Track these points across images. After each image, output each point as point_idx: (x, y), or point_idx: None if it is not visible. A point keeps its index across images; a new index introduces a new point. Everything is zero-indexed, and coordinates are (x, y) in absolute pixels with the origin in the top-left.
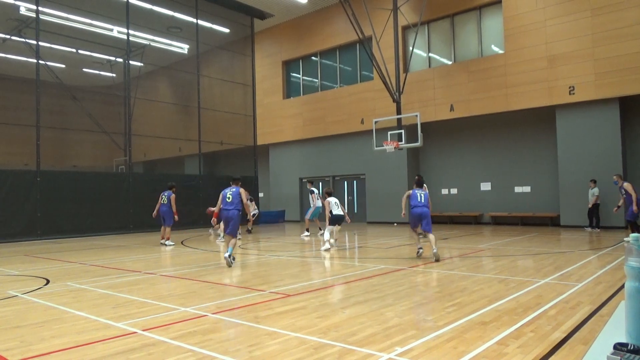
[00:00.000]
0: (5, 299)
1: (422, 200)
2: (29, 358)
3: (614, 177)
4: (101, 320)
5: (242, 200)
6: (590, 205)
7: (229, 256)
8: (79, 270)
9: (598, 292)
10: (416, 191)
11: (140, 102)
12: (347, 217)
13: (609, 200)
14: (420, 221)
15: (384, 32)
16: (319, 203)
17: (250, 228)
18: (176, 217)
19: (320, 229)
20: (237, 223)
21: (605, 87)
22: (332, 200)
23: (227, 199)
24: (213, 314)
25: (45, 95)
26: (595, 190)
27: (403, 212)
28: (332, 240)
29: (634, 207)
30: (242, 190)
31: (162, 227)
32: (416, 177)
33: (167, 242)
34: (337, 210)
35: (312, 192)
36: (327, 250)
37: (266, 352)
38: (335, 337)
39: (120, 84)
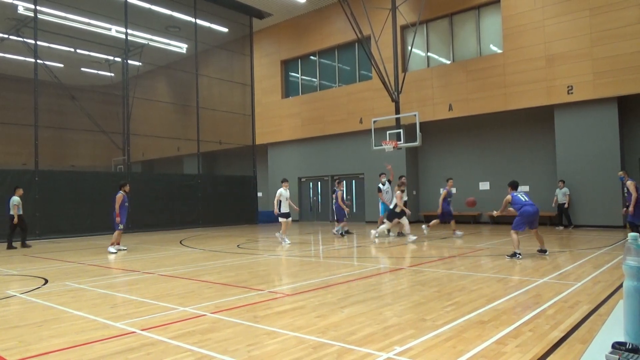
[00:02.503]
0: (3, 299)
1: (529, 199)
2: (28, 358)
3: (620, 172)
4: (100, 320)
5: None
6: (567, 205)
7: (337, 231)
8: (77, 270)
9: (596, 291)
10: (516, 194)
11: (139, 102)
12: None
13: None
14: (534, 221)
15: (382, 31)
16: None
17: (336, 230)
18: (117, 219)
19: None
20: (342, 214)
21: (604, 87)
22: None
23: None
24: (212, 313)
25: (44, 94)
26: (566, 190)
27: (499, 212)
28: (374, 233)
29: (630, 209)
30: (339, 193)
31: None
32: (512, 182)
33: (115, 248)
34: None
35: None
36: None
37: (265, 351)
38: (334, 336)
39: (118, 84)
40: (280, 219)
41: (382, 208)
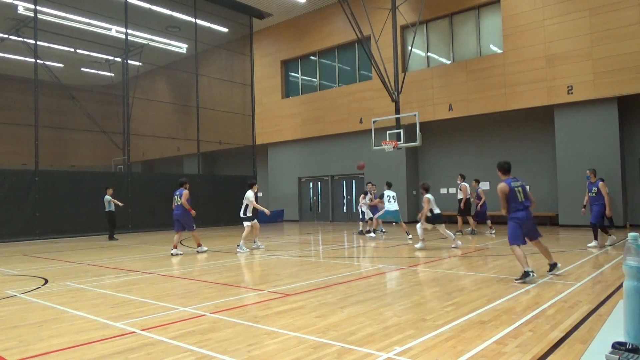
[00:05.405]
0: (3, 299)
1: (524, 198)
2: (28, 358)
3: (587, 171)
4: (100, 320)
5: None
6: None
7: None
8: (77, 270)
9: (596, 291)
10: (512, 183)
11: (139, 102)
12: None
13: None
14: (529, 230)
15: (382, 31)
16: (390, 206)
17: (365, 230)
18: (193, 213)
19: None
20: (398, 216)
21: (604, 87)
22: (431, 197)
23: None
24: (212, 313)
25: (44, 94)
26: None
27: (504, 210)
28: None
29: (608, 211)
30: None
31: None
32: (502, 163)
33: (197, 249)
34: (437, 209)
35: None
36: (420, 248)
37: (265, 351)
38: (334, 336)
39: (118, 84)
40: (250, 223)
41: (387, 211)
